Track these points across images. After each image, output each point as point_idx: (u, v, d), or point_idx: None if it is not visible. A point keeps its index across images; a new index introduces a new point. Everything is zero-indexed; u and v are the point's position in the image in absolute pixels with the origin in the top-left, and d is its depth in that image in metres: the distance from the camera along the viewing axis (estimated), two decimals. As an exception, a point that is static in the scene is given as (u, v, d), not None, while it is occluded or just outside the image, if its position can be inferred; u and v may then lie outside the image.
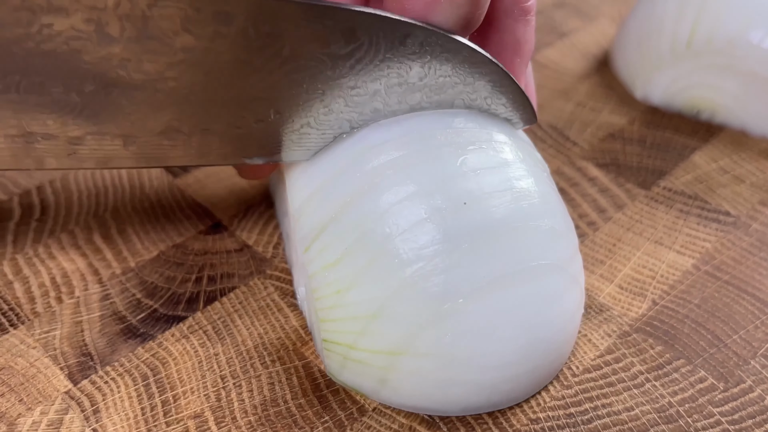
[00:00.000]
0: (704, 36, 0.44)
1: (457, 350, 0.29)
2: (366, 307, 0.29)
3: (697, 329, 0.34)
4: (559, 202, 0.32)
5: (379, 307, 0.29)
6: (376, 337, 0.29)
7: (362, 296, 0.29)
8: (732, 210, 0.40)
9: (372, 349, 0.29)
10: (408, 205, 0.29)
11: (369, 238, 0.29)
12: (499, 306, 0.29)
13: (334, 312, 0.30)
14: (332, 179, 0.30)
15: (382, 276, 0.29)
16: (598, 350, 0.33)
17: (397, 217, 0.29)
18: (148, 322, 0.34)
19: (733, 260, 0.37)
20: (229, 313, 0.34)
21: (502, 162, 0.31)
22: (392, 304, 0.28)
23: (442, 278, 0.28)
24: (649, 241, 0.38)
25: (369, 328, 0.29)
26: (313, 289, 0.30)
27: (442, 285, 0.28)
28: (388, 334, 0.29)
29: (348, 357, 0.30)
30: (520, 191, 0.30)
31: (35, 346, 0.33)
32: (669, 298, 0.35)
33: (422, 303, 0.28)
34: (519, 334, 0.29)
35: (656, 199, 0.41)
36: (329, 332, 0.30)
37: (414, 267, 0.28)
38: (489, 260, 0.29)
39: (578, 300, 0.32)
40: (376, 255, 0.29)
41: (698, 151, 0.44)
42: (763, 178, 0.42)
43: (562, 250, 0.30)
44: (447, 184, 0.29)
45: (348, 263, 0.29)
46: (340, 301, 0.29)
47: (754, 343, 0.33)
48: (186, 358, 0.32)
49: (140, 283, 0.36)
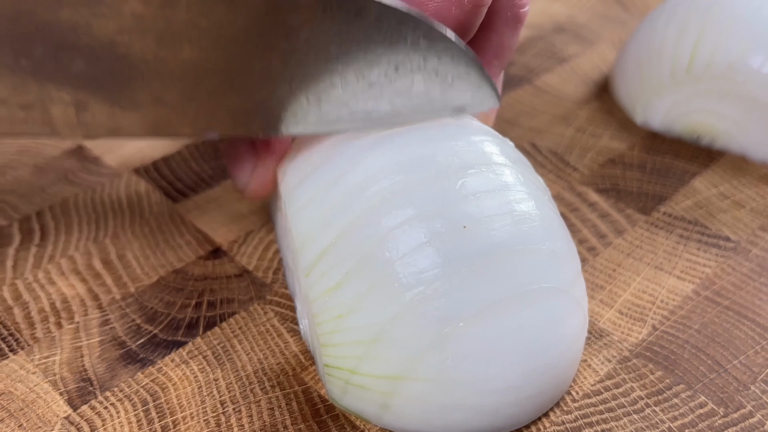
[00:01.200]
0: (704, 61, 0.45)
1: (459, 374, 0.29)
2: (367, 332, 0.29)
3: (698, 354, 0.34)
4: (561, 225, 0.33)
5: (380, 331, 0.29)
6: (377, 362, 0.29)
7: (363, 321, 0.29)
8: (732, 235, 0.41)
9: (373, 374, 0.30)
10: (408, 230, 0.29)
11: (369, 263, 0.29)
12: (501, 330, 0.29)
13: (336, 337, 0.30)
14: (334, 205, 0.31)
15: (382, 300, 0.29)
16: (598, 375, 0.34)
17: (397, 242, 0.29)
18: (148, 347, 0.34)
19: (733, 286, 0.38)
20: (228, 338, 0.35)
21: (503, 185, 0.31)
22: (393, 329, 0.29)
23: (443, 302, 0.29)
24: (649, 266, 0.39)
25: (370, 352, 0.29)
26: (314, 314, 0.31)
27: (442, 309, 0.29)
28: (389, 359, 0.29)
29: (349, 382, 0.30)
30: (521, 214, 0.31)
31: (35, 372, 0.33)
32: (669, 323, 0.36)
33: (423, 327, 0.29)
34: (521, 358, 0.29)
35: (656, 224, 0.42)
36: (330, 357, 0.30)
37: (414, 291, 0.29)
38: (489, 284, 0.29)
39: (581, 323, 0.32)
40: (376, 279, 0.29)
41: (698, 176, 0.45)
42: (763, 203, 0.43)
43: (563, 273, 0.31)
44: (447, 208, 0.30)
45: (349, 288, 0.30)
46: (341, 326, 0.30)
47: (755, 369, 0.34)
48: (186, 383, 0.33)
49: (140, 309, 0.36)
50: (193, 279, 0.38)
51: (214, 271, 0.38)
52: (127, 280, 0.37)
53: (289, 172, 0.35)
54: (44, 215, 0.41)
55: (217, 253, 0.39)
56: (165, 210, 0.42)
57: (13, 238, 0.39)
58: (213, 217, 0.41)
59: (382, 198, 0.30)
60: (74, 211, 0.41)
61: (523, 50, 0.57)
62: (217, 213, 0.41)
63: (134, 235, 0.40)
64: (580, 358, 0.33)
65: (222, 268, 0.38)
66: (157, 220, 0.41)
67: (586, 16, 0.62)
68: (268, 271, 0.38)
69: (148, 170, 0.44)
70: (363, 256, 0.30)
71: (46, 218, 0.41)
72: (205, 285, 0.37)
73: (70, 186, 0.43)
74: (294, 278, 0.35)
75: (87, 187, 0.43)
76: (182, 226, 0.41)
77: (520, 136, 0.48)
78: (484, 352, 0.29)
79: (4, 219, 0.41)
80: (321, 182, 0.32)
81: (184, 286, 0.37)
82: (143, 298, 0.37)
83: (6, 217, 0.41)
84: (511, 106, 0.51)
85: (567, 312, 0.31)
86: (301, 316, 0.35)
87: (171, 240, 0.40)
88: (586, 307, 0.33)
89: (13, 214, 0.41)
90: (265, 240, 0.40)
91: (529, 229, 0.30)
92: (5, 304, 0.36)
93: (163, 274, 0.38)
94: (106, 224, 0.40)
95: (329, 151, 0.33)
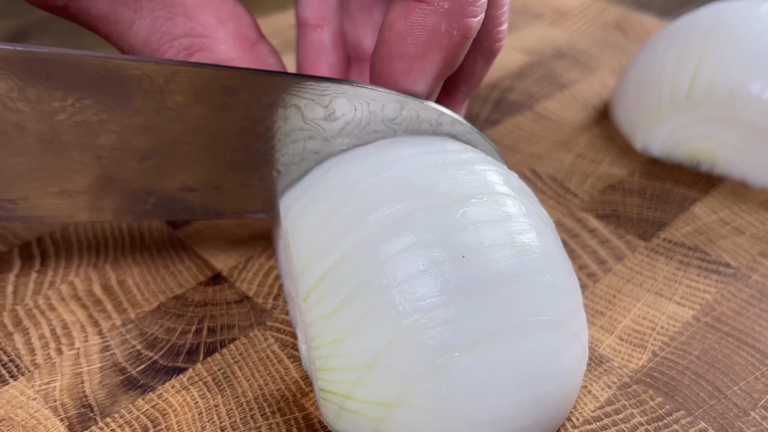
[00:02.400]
0: (704, 87, 0.45)
1: (452, 404, 0.29)
2: (362, 358, 0.30)
3: (698, 380, 0.35)
4: (563, 257, 0.33)
5: (375, 357, 0.29)
6: (371, 388, 0.30)
7: (358, 346, 0.30)
8: (732, 261, 0.41)
9: (367, 400, 0.30)
10: (406, 257, 0.30)
11: (367, 289, 0.30)
12: (496, 361, 0.29)
13: (331, 361, 0.30)
14: (334, 231, 0.32)
15: (378, 327, 0.29)
16: (598, 401, 0.34)
17: (395, 269, 0.30)
18: (148, 373, 0.35)
19: (733, 312, 0.38)
20: (229, 364, 0.35)
21: (504, 215, 0.32)
22: (388, 355, 0.29)
23: (438, 331, 0.29)
24: (649, 292, 0.39)
25: (364, 378, 0.30)
26: (311, 338, 0.31)
27: (437, 338, 0.29)
28: (383, 385, 0.29)
29: (344, 407, 0.31)
30: (521, 245, 0.31)
31: (35, 398, 0.33)
32: (669, 349, 0.36)
33: (417, 355, 0.29)
34: (516, 389, 0.30)
35: (656, 250, 0.42)
36: (326, 381, 0.31)
37: (410, 319, 0.29)
38: (486, 314, 0.29)
39: (580, 357, 0.32)
40: (373, 306, 0.30)
41: (698, 202, 0.46)
42: (763, 229, 0.43)
43: (562, 306, 0.31)
44: (446, 237, 0.30)
45: (346, 313, 0.30)
46: (336, 351, 0.30)
47: (755, 395, 0.34)
48: (186, 409, 0.33)
49: (140, 335, 0.36)
50: (194, 305, 0.38)
51: (214, 297, 0.39)
52: (128, 306, 0.38)
53: (291, 198, 0.35)
54: (44, 241, 0.41)
55: (218, 279, 0.40)
56: (165, 236, 0.42)
57: (14, 264, 0.40)
58: (213, 243, 0.42)
59: (382, 225, 0.31)
60: (74, 237, 0.42)
61: (523, 76, 0.58)
62: (217, 239, 0.42)
63: (134, 261, 0.40)
64: (579, 390, 0.34)
65: (222, 294, 0.39)
66: (157, 245, 0.42)
67: (586, 42, 0.63)
68: (268, 297, 0.39)
69: (148, 196, 0.45)
70: (361, 282, 0.30)
71: (47, 244, 0.41)
72: (206, 311, 0.38)
73: (70, 212, 0.43)
74: (295, 306, 0.36)
75: (87, 213, 0.43)
76: (182, 252, 0.41)
77: (520, 161, 0.49)
78: (478, 383, 0.29)
79: (5, 245, 0.41)
80: (322, 209, 0.33)
81: (185, 312, 0.38)
82: (143, 324, 0.37)
83: (6, 243, 0.41)
84: (510, 132, 0.52)
85: (565, 345, 0.31)
86: (301, 341, 0.35)
87: (171, 266, 0.40)
88: (586, 340, 0.33)
89: (14, 240, 0.41)
90: (266, 266, 0.40)
91: (529, 260, 0.31)
92: (6, 330, 0.36)
93: (164, 300, 0.38)
94: (106, 250, 0.41)
95: (331, 178, 0.34)
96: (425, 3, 0.32)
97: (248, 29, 0.37)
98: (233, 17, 0.36)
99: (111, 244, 0.41)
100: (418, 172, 0.33)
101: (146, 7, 0.34)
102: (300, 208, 0.34)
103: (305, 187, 0.35)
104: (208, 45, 0.35)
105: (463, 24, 0.32)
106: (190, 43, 0.35)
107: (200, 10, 0.35)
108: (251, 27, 0.37)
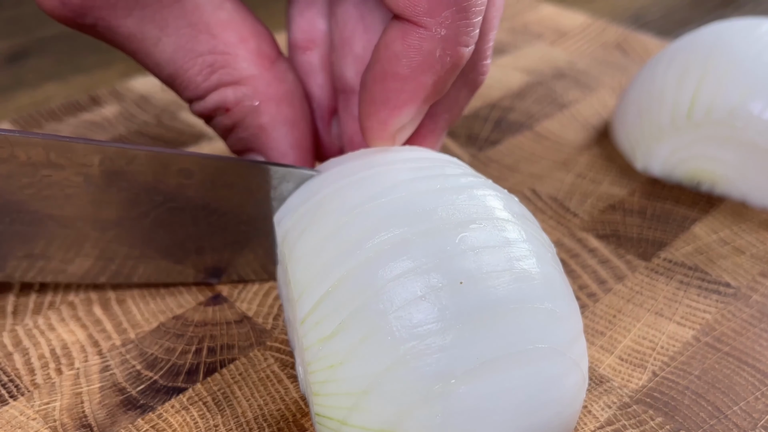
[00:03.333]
0: (704, 107, 0.46)
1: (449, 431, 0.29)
2: (358, 383, 0.30)
3: (698, 400, 0.35)
4: (563, 283, 0.33)
5: (371, 383, 0.29)
6: (366, 414, 0.30)
7: (354, 372, 0.30)
8: (732, 281, 0.42)
9: (362, 426, 0.30)
10: (404, 282, 0.30)
11: (364, 314, 0.30)
12: (493, 388, 0.29)
13: (327, 387, 0.30)
14: (331, 256, 0.32)
15: (375, 352, 0.29)
16: (598, 422, 0.34)
17: (392, 294, 0.30)
18: (148, 393, 0.35)
19: (733, 331, 0.39)
20: (229, 384, 0.36)
21: (504, 241, 0.31)
22: (384, 382, 0.29)
23: (435, 358, 0.29)
24: (649, 312, 0.40)
25: (360, 404, 0.30)
26: (307, 363, 0.31)
27: (434, 365, 0.29)
28: (378, 412, 0.29)
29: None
30: (521, 272, 0.31)
31: (35, 418, 0.34)
32: (669, 369, 0.37)
33: (414, 382, 0.29)
34: (512, 417, 0.29)
35: (656, 270, 0.42)
36: (321, 407, 0.31)
37: (407, 345, 0.29)
38: (483, 341, 0.29)
39: (579, 385, 0.32)
40: (369, 331, 0.30)
41: (698, 222, 0.46)
42: (763, 249, 0.44)
43: (562, 334, 0.31)
44: (444, 263, 0.30)
45: (342, 338, 0.30)
46: (332, 376, 0.30)
47: (755, 415, 0.35)
48: (186, 429, 0.33)
49: (140, 355, 0.37)
50: (194, 325, 0.38)
51: (214, 318, 0.39)
52: (127, 326, 0.38)
53: (287, 224, 0.35)
54: (44, 261, 0.42)
55: (217, 300, 0.40)
56: (165, 256, 0.42)
57: (14, 285, 0.40)
58: (213, 263, 0.42)
59: (380, 250, 0.31)
60: (74, 257, 0.42)
61: (523, 96, 0.59)
62: (218, 259, 0.42)
63: (134, 281, 0.41)
64: (578, 416, 0.33)
65: (222, 314, 0.39)
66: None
67: (587, 62, 0.64)
68: (268, 317, 0.39)
69: (148, 216, 0.45)
70: (358, 307, 0.30)
71: (47, 264, 0.42)
72: (206, 331, 0.38)
73: (70, 232, 0.44)
74: (293, 329, 0.36)
75: (87, 233, 0.44)
76: (182, 272, 0.41)
77: (520, 182, 0.49)
78: (475, 410, 0.29)
79: (5, 265, 0.41)
80: (320, 234, 0.33)
81: (185, 332, 0.38)
82: (143, 344, 0.37)
83: (6, 263, 0.41)
84: (511, 152, 0.52)
85: (563, 373, 0.31)
86: (298, 364, 0.35)
87: (171, 286, 0.41)
88: (586, 368, 0.33)
89: (14, 260, 0.42)
90: (265, 286, 0.41)
91: (529, 287, 0.30)
92: (5, 350, 0.37)
93: (163, 320, 0.39)
94: (106, 270, 0.41)
95: (329, 203, 0.34)
96: (423, 27, 0.33)
97: (268, 47, 0.38)
98: (254, 35, 0.38)
99: (111, 264, 0.42)
100: (417, 197, 0.32)
101: (172, 25, 0.36)
102: (297, 233, 0.34)
103: (302, 212, 0.35)
104: (230, 62, 0.37)
105: (456, 52, 0.33)
106: (213, 60, 0.37)
107: (222, 28, 0.37)
108: (271, 45, 0.39)
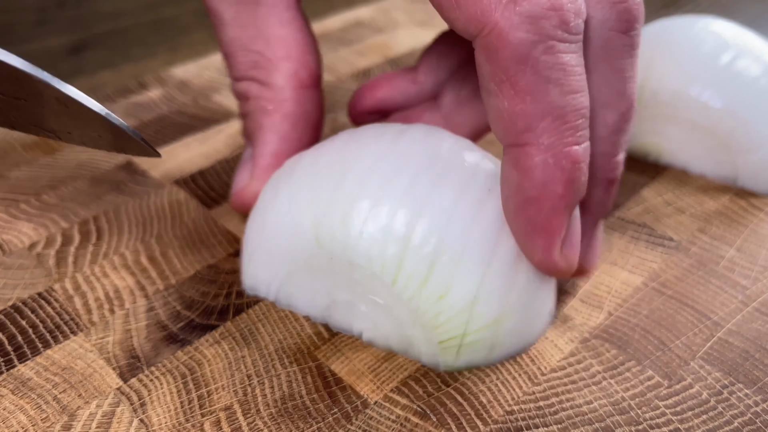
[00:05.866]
0: (652, 91, 0.45)
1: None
2: (467, 299, 0.30)
3: (646, 336, 0.35)
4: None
5: (477, 294, 0.30)
6: (481, 317, 0.30)
7: (460, 293, 0.30)
8: (675, 236, 0.41)
9: (480, 327, 0.30)
10: (459, 205, 0.30)
11: (444, 247, 0.30)
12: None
13: (442, 316, 0.30)
14: (383, 213, 0.30)
15: (468, 270, 0.30)
16: (563, 353, 0.34)
17: (458, 219, 0.30)
18: (186, 329, 0.34)
19: (675, 278, 0.38)
20: (254, 322, 0.35)
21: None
22: (483, 288, 0.30)
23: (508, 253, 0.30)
24: (605, 262, 0.39)
25: (474, 312, 0.30)
26: (414, 309, 0.30)
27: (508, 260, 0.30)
28: (488, 310, 0.30)
29: (463, 344, 0.31)
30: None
31: (92, 350, 0.33)
32: (622, 309, 0.36)
33: (502, 275, 0.30)
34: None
35: (611, 227, 0.42)
36: (443, 333, 0.30)
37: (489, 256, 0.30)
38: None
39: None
40: (455, 256, 0.30)
41: (646, 186, 0.45)
42: (700, 209, 0.43)
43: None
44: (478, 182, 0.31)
45: (438, 274, 0.30)
46: (443, 305, 0.30)
47: (693, 347, 0.34)
48: (218, 360, 0.33)
49: (180, 298, 0.36)
50: (224, 273, 0.38)
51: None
52: (169, 274, 0.38)
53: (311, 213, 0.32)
54: (100, 219, 0.41)
55: (244, 251, 0.39)
56: (201, 215, 0.42)
57: (74, 239, 0.40)
58: (241, 221, 0.41)
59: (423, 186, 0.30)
60: (125, 216, 0.41)
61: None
62: (245, 217, 0.41)
63: (175, 236, 0.40)
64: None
65: (248, 264, 0.38)
66: (194, 223, 0.41)
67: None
68: (286, 266, 0.38)
69: (186, 182, 0.44)
70: (436, 245, 0.30)
71: (101, 222, 0.41)
72: (235, 278, 0.37)
73: (121, 195, 0.43)
74: (356, 304, 0.33)
75: (135, 196, 0.43)
76: (215, 229, 0.41)
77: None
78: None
79: (66, 222, 0.41)
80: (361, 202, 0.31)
81: (217, 279, 0.37)
82: (182, 289, 0.37)
83: (68, 221, 0.41)
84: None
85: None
86: (375, 328, 0.33)
87: (206, 240, 0.40)
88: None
89: (74, 218, 0.41)
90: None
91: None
92: (67, 293, 0.36)
93: (199, 268, 0.38)
94: (151, 227, 0.41)
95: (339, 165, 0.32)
96: (527, 146, 0.28)
97: (306, 73, 0.36)
98: (298, 57, 0.36)
99: (155, 222, 0.41)
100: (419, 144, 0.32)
101: (242, 18, 0.35)
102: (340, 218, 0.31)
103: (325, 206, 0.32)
104: (268, 68, 0.36)
105: (567, 153, 0.28)
106: (257, 60, 0.36)
107: (277, 41, 0.36)
108: (309, 73, 0.37)
